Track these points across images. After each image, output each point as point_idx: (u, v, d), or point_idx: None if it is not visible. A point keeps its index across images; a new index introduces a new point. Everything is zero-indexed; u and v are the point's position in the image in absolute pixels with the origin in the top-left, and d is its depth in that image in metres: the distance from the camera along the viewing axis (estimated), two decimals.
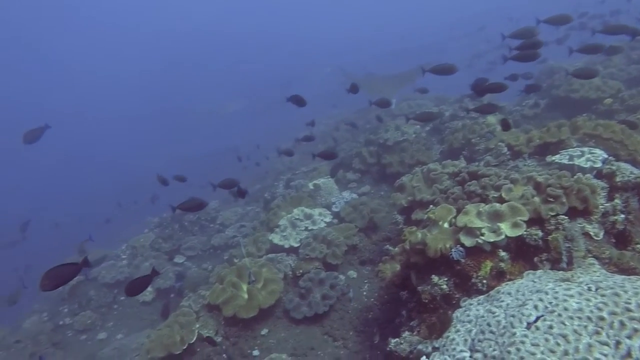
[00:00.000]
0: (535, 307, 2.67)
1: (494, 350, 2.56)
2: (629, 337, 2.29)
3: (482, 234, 3.52)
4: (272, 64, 42.10)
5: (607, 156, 4.61)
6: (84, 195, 26.77)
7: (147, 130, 37.81)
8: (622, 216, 3.60)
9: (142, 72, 48.82)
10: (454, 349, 2.81)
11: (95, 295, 9.00)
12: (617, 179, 3.89)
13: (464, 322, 3.02)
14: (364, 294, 6.25)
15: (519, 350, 2.42)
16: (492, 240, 3.47)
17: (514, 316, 2.69)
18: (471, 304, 3.20)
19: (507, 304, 2.89)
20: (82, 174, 32.24)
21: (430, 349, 3.12)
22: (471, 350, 2.74)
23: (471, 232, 3.58)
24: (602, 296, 2.59)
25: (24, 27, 43.45)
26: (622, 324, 2.36)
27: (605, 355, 2.23)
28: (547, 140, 5.83)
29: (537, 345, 2.40)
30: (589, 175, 3.95)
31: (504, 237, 3.46)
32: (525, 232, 3.45)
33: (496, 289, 3.21)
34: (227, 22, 52.25)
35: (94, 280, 9.36)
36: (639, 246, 3.43)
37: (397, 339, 3.59)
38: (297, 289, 6.34)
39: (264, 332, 5.97)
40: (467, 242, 3.55)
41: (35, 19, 43.63)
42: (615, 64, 9.17)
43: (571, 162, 4.70)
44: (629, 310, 2.41)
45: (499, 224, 3.55)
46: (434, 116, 7.85)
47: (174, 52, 48.24)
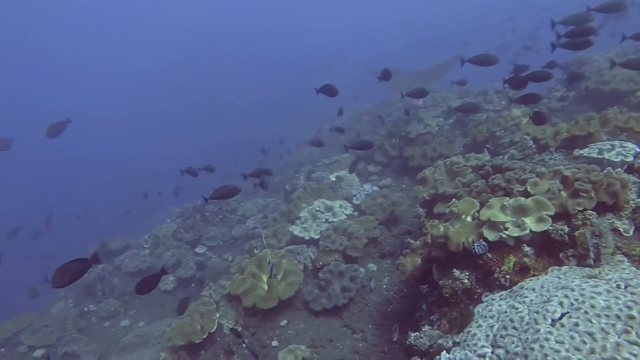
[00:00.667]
0: (560, 303, 2.59)
1: (517, 346, 2.50)
2: None
3: (506, 229, 3.44)
4: (291, 56, 42.09)
5: (639, 150, 4.45)
6: (102, 188, 27.32)
7: (154, 126, 38.33)
8: None
9: (159, 68, 49.26)
10: (475, 344, 2.76)
11: (118, 283, 9.21)
12: None
13: (485, 317, 2.96)
14: (384, 287, 6.21)
15: (542, 347, 2.36)
16: (516, 234, 3.38)
17: (538, 312, 2.62)
18: (493, 299, 3.14)
19: (531, 300, 2.82)
20: (100, 168, 32.86)
21: (450, 343, 3.07)
22: (493, 346, 2.68)
23: (495, 226, 3.51)
24: (632, 294, 2.49)
25: (27, 26, 43.94)
26: None
27: (635, 355, 2.15)
28: (575, 133, 5.66)
29: (562, 342, 2.33)
30: (619, 169, 3.82)
31: (528, 231, 3.37)
32: (550, 227, 3.36)
33: (519, 284, 3.14)
34: (247, 14, 52.13)
35: (117, 268, 9.56)
36: None
37: (417, 333, 3.55)
38: (317, 280, 6.34)
39: (283, 323, 6.00)
40: (491, 236, 3.47)
41: (41, 18, 44.08)
42: None
43: (601, 156, 4.55)
44: None
45: (523, 218, 3.46)
46: (476, 107, 7.44)
47: (190, 47, 48.60)
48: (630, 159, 4.29)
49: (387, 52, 31.61)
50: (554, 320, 2.51)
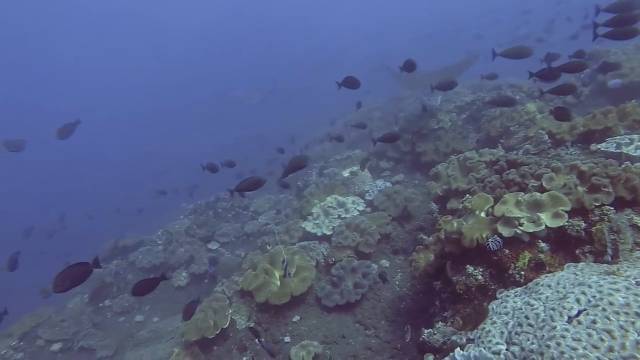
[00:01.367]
0: (577, 300, 2.54)
1: (532, 343, 2.46)
2: None
3: (521, 224, 3.39)
4: (300, 51, 41.99)
5: None
6: (112, 187, 27.55)
7: (162, 125, 38.49)
8: None
9: (166, 66, 49.38)
10: (490, 341, 2.73)
11: (132, 279, 9.30)
12: None
13: (500, 314, 2.92)
14: (397, 283, 6.18)
15: (559, 344, 2.31)
16: (531, 230, 3.33)
17: (554, 309, 2.57)
18: (508, 296, 3.09)
19: (547, 297, 2.77)
20: (109, 167, 33.08)
21: (464, 340, 3.04)
22: (508, 343, 2.64)
23: (509, 221, 3.46)
24: None
25: (27, 26, 43.89)
26: None
27: None
28: (592, 127, 5.54)
29: (579, 340, 2.28)
30: (638, 164, 3.73)
31: (544, 227, 3.32)
32: (567, 223, 3.30)
33: (535, 280, 3.09)
34: (254, 9, 51.93)
35: (132, 264, 9.66)
36: None
37: (430, 330, 3.52)
38: (329, 276, 6.33)
39: (296, 319, 6.00)
40: (505, 232, 3.42)
41: (41, 18, 44.02)
42: None
43: (619, 150, 4.46)
44: None
45: (539, 213, 3.41)
46: (512, 101, 7.10)
47: (195, 45, 48.63)
48: None
49: (398, 47, 31.38)
50: (570, 317, 2.46)
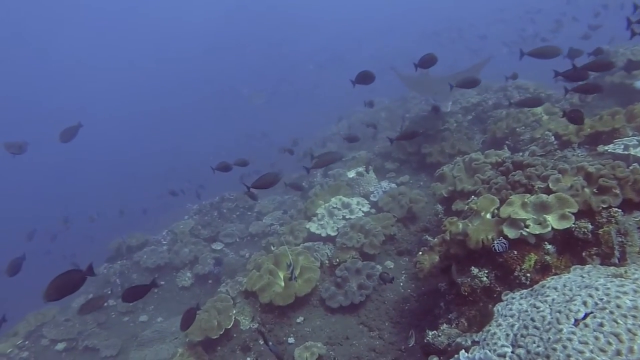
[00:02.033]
0: (584, 303, 2.52)
1: (538, 346, 2.43)
2: None
3: (527, 226, 3.36)
4: (305, 49, 41.94)
5: None
6: (115, 188, 27.57)
7: (165, 125, 38.49)
8: None
9: (171, 64, 49.37)
10: (495, 344, 2.70)
11: (137, 279, 9.32)
12: None
13: (506, 316, 2.89)
14: (401, 284, 6.15)
15: (565, 347, 2.29)
16: (537, 232, 3.31)
17: (560, 312, 2.54)
18: (514, 298, 3.07)
19: (553, 299, 2.74)
20: (111, 168, 33.03)
21: (469, 342, 3.01)
22: (513, 345, 2.62)
23: (515, 223, 3.43)
24: None
25: (27, 25, 43.93)
26: None
27: None
28: (599, 129, 5.50)
29: (586, 343, 2.26)
30: None
31: (550, 229, 3.29)
32: (573, 225, 3.27)
33: (541, 283, 3.06)
34: (264, 4, 51.92)
35: (136, 264, 9.68)
36: None
37: (435, 332, 3.51)
38: (334, 277, 6.31)
39: (300, 320, 5.99)
40: (511, 233, 3.40)
41: (41, 17, 44.03)
42: None
43: (626, 152, 4.42)
44: None
45: (545, 215, 3.38)
46: (539, 101, 6.86)
47: (198, 44, 48.53)
48: None
49: (403, 45, 31.30)
50: (577, 320, 2.44)
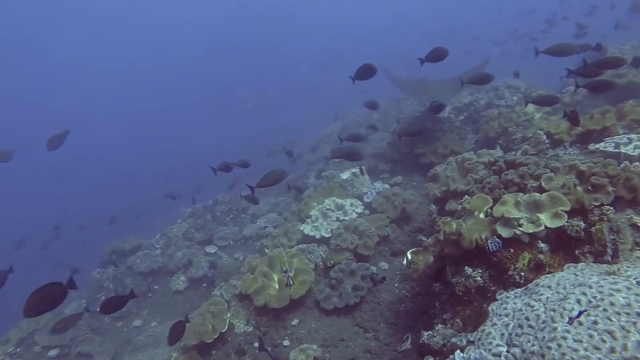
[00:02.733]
0: (578, 301, 2.52)
1: (533, 345, 2.43)
2: None
3: (520, 225, 3.37)
4: (306, 47, 41.96)
5: None
6: (114, 190, 27.41)
7: (159, 127, 38.34)
8: None
9: (167, 66, 49.24)
10: (490, 343, 2.70)
11: (130, 283, 9.25)
12: None
13: (500, 315, 2.89)
14: (396, 285, 6.15)
15: (560, 346, 2.29)
16: (530, 231, 3.31)
17: (554, 310, 2.54)
18: (508, 297, 3.07)
19: (547, 298, 2.75)
20: (105, 170, 32.81)
21: (464, 342, 3.01)
22: (508, 344, 2.61)
23: (508, 222, 3.43)
24: None
25: (27, 25, 43.51)
26: None
27: None
28: (590, 127, 5.54)
29: (580, 341, 2.26)
30: (637, 163, 3.71)
31: (543, 228, 3.29)
32: (566, 223, 3.28)
33: (535, 281, 3.06)
34: (263, 4, 51.87)
35: (129, 269, 9.61)
36: None
37: (430, 332, 3.50)
38: (328, 279, 6.30)
39: (295, 322, 5.96)
40: (504, 233, 3.40)
41: (41, 17, 43.58)
42: None
43: (617, 150, 4.44)
44: None
45: (538, 214, 3.38)
46: (554, 100, 6.83)
47: (196, 44, 48.31)
48: None
49: (399, 44, 31.37)
50: (571, 318, 2.43)
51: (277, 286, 6.25)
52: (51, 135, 7.36)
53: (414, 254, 4.93)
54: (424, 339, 3.48)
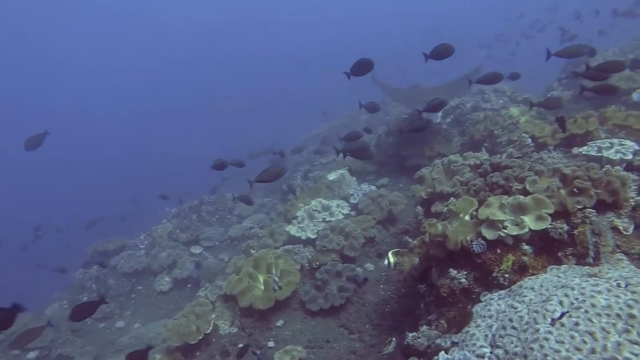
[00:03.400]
0: (560, 302, 2.55)
1: (516, 346, 2.45)
2: None
3: (505, 227, 3.39)
4: (290, 50, 41.96)
5: (638, 148, 4.42)
6: (101, 190, 27.07)
7: (151, 129, 38.09)
8: None
9: (160, 66, 48.88)
10: (474, 345, 2.71)
11: (113, 284, 9.12)
12: None
13: (484, 317, 2.91)
14: (381, 286, 6.16)
15: (542, 347, 2.31)
16: (515, 233, 3.34)
17: (537, 312, 2.57)
18: (492, 299, 3.09)
19: (530, 299, 2.77)
20: (93, 171, 32.41)
21: (449, 343, 3.02)
22: (492, 346, 2.63)
23: (493, 224, 3.46)
24: (633, 293, 2.45)
25: (27, 25, 43.20)
26: None
27: (635, 354, 2.11)
28: (574, 131, 5.62)
29: (562, 342, 2.28)
30: (618, 167, 3.77)
31: (527, 230, 3.33)
32: (550, 226, 3.32)
33: (518, 283, 3.09)
34: (247, 9, 51.75)
35: (113, 269, 9.48)
36: None
37: (415, 333, 3.51)
38: (314, 280, 6.29)
39: (280, 323, 5.94)
40: (489, 235, 3.43)
41: (41, 17, 43.33)
42: None
43: (600, 154, 4.52)
44: None
45: (522, 216, 3.42)
46: (559, 102, 6.85)
47: (189, 45, 48.15)
48: (629, 157, 4.27)
49: (392, 46, 31.49)
50: (553, 319, 2.46)
51: (263, 287, 6.21)
52: (29, 135, 7.27)
53: (398, 255, 4.94)
54: (408, 340, 3.49)
